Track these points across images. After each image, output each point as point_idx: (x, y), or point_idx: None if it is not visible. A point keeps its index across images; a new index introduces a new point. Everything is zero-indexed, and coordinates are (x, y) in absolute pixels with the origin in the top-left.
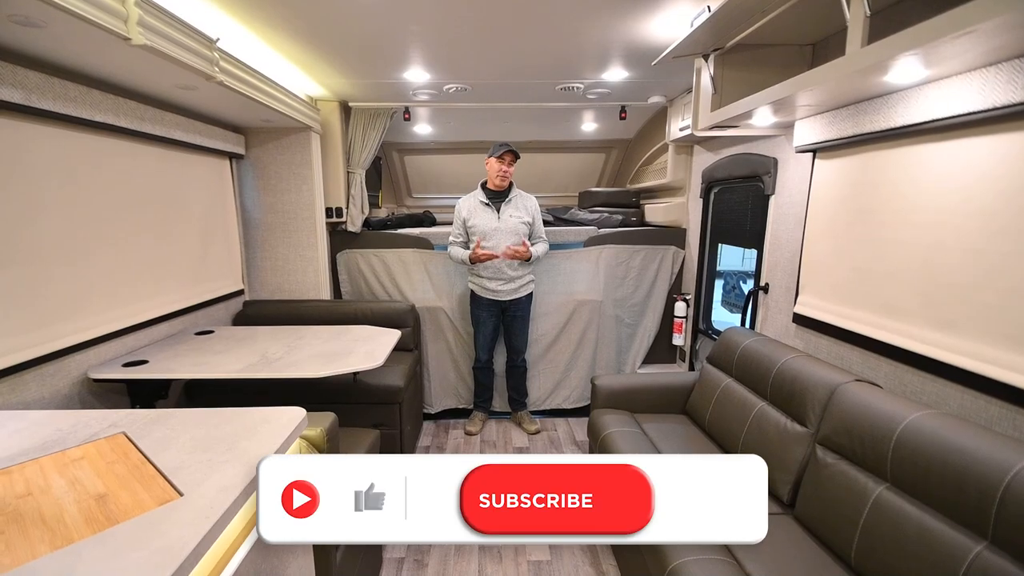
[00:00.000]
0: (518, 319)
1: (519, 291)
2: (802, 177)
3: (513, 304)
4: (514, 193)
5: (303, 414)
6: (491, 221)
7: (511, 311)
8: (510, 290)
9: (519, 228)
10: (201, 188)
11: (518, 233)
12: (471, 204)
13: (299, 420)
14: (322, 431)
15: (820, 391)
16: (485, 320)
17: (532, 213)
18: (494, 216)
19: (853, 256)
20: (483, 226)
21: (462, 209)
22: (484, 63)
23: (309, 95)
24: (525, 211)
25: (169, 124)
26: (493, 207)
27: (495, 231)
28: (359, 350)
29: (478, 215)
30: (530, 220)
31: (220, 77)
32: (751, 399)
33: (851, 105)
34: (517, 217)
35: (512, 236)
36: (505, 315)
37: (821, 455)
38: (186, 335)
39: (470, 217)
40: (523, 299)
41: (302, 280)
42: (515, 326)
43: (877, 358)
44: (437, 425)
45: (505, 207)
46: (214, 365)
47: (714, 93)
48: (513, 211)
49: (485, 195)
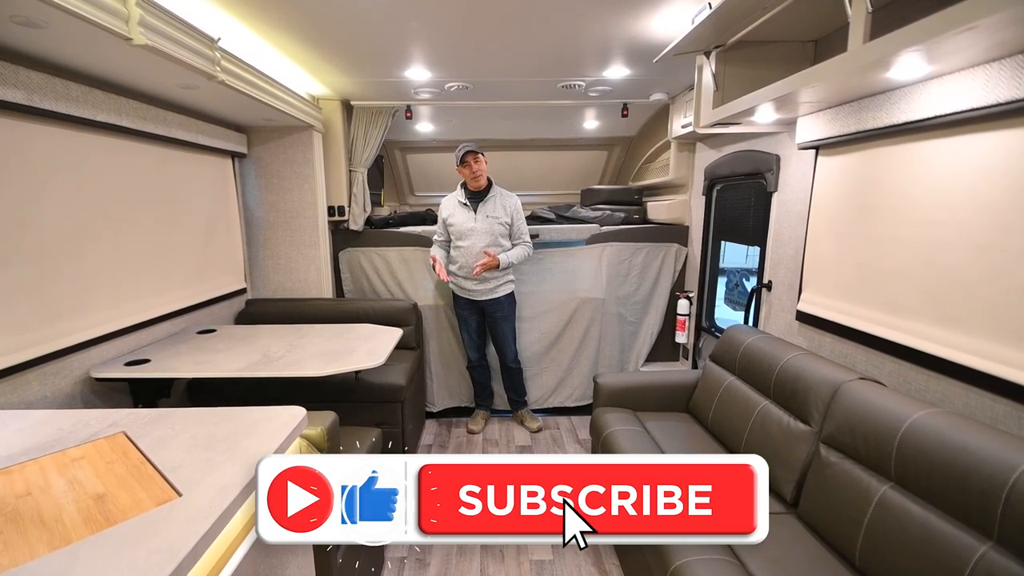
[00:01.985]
0: (499, 320)
1: (495, 291)
2: (805, 174)
3: (492, 304)
4: (493, 193)
5: (303, 413)
6: (467, 221)
7: (491, 312)
8: (485, 290)
9: (495, 228)
10: (203, 187)
11: (493, 233)
12: (452, 203)
13: (299, 419)
14: (322, 430)
15: (823, 389)
16: (467, 319)
17: (511, 213)
18: (471, 216)
19: (856, 253)
20: (460, 225)
21: (444, 208)
22: (485, 61)
23: (311, 94)
24: (504, 211)
25: (171, 123)
26: (471, 207)
27: (471, 231)
28: (361, 348)
29: (456, 214)
30: (508, 221)
31: (221, 76)
32: (754, 397)
33: (854, 102)
34: (494, 218)
35: (487, 236)
36: (487, 317)
37: (825, 454)
38: (188, 334)
39: (449, 216)
40: (502, 299)
41: (304, 279)
42: (498, 328)
43: (881, 356)
44: (439, 423)
45: (482, 207)
46: (216, 364)
47: (716, 90)
48: (490, 211)
49: (464, 194)
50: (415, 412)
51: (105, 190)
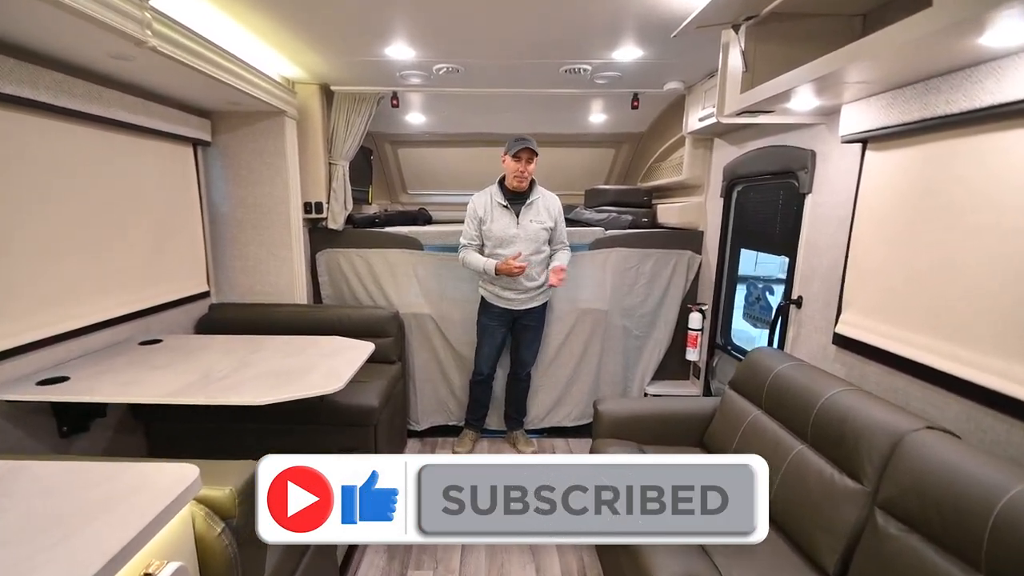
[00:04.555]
0: (530, 329)
1: (535, 299)
2: (847, 172)
3: (526, 313)
4: (536, 194)
5: (195, 475)
6: (509, 227)
7: (523, 320)
8: (525, 298)
9: (540, 235)
10: (157, 177)
11: (538, 240)
12: (487, 204)
13: (187, 484)
14: (231, 492)
15: (879, 439)
16: (493, 330)
17: (555, 216)
18: (512, 221)
19: (915, 268)
20: (500, 232)
21: (477, 208)
22: (477, 39)
23: (284, 76)
24: (548, 215)
25: (109, 102)
26: (512, 210)
27: (514, 238)
28: (321, 367)
29: (495, 219)
30: (552, 225)
31: (153, 42)
32: (786, 439)
33: (919, 83)
34: (539, 223)
35: (531, 244)
36: (516, 324)
37: (883, 523)
38: (130, 344)
39: (487, 220)
40: (538, 308)
41: (276, 282)
42: (526, 336)
43: (943, 394)
44: (423, 443)
45: (526, 211)
46: (143, 385)
47: (745, 71)
48: (534, 215)
49: (503, 195)
50: (393, 434)
51: (24, 177)
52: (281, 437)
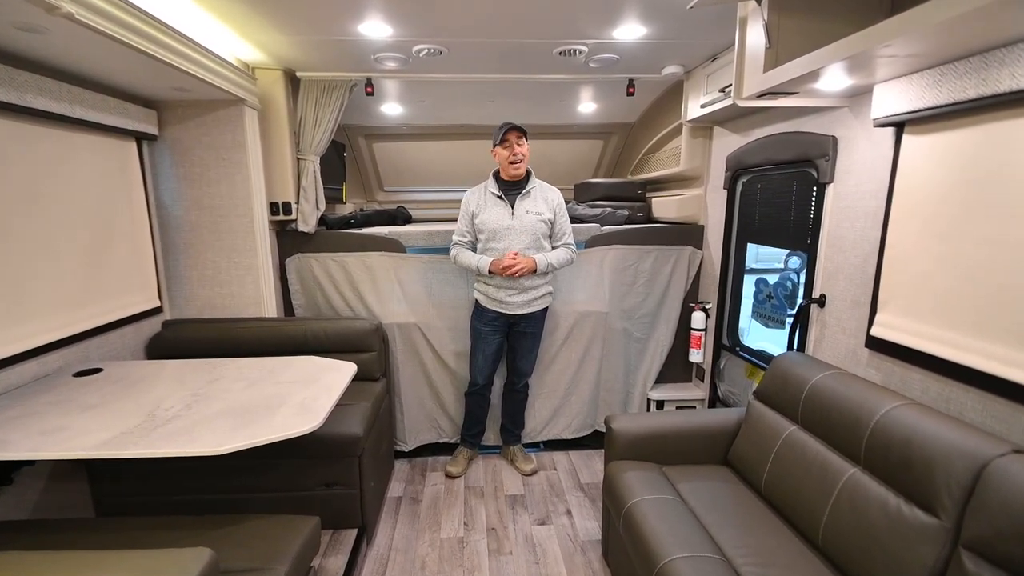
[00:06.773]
0: (528, 336)
1: (533, 304)
2: (879, 159)
3: (523, 319)
4: (533, 184)
5: None
6: (503, 218)
7: (520, 326)
8: (522, 302)
9: (537, 227)
10: (91, 178)
11: (535, 233)
12: (480, 197)
13: None
14: None
15: (957, 465)
16: (487, 336)
17: (554, 208)
18: (507, 212)
19: (969, 265)
20: (493, 223)
21: (470, 202)
22: (463, 13)
23: (242, 60)
24: (546, 206)
25: (20, 86)
26: (506, 201)
27: (508, 230)
28: (294, 398)
29: (488, 210)
30: (551, 217)
31: (69, 7)
32: (834, 461)
33: (975, 56)
34: (536, 214)
35: (527, 237)
36: (513, 330)
37: (970, 567)
38: (62, 376)
39: (479, 212)
40: (536, 313)
41: (239, 293)
42: (523, 343)
43: (1007, 405)
44: (412, 466)
45: (521, 201)
46: (69, 432)
47: (768, 47)
48: (531, 206)
49: (498, 186)
50: (379, 460)
51: None
52: (256, 475)
